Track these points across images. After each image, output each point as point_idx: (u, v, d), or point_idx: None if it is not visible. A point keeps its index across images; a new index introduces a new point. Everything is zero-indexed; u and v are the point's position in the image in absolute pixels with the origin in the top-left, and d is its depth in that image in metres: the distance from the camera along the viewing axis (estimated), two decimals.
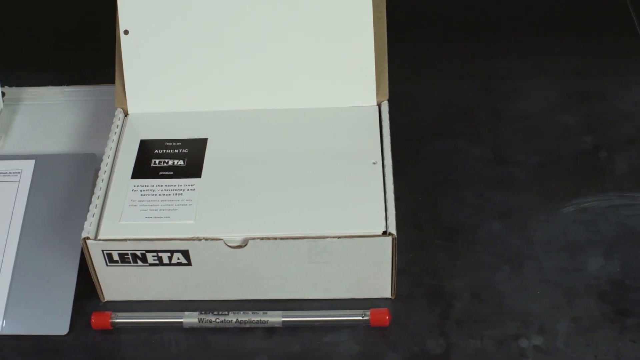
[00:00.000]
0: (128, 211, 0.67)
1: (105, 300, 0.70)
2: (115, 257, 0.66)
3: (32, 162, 0.76)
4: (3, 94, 0.84)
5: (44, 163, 0.76)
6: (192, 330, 0.68)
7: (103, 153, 0.76)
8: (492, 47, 0.91)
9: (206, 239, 0.65)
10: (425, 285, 0.70)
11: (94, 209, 0.68)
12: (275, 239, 0.65)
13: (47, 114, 0.82)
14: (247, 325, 0.67)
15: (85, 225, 0.66)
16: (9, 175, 0.76)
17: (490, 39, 0.93)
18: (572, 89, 0.86)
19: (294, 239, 0.64)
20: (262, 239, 0.64)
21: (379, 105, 0.74)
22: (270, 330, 0.67)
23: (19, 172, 0.76)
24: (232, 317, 0.67)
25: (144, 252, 0.66)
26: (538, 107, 0.84)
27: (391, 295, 0.69)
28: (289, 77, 0.74)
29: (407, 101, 0.78)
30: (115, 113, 0.75)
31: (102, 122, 0.80)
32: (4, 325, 0.68)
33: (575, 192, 0.76)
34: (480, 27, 0.94)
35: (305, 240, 0.64)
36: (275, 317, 0.67)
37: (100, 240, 0.66)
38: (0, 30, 0.99)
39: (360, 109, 0.74)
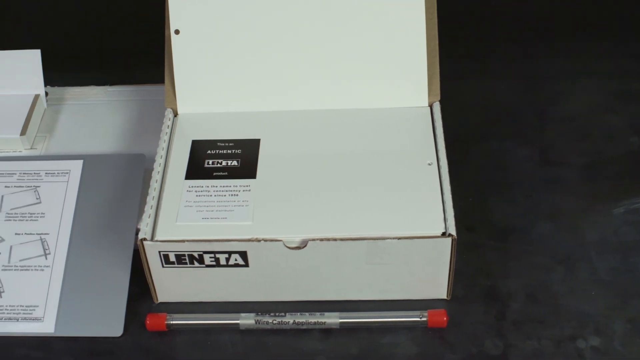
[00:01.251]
0: (184, 212, 0.67)
1: (159, 301, 0.70)
2: (172, 258, 0.66)
3: (80, 162, 0.75)
4: (46, 93, 0.83)
5: (92, 163, 0.75)
6: (248, 331, 0.67)
7: (152, 153, 0.75)
8: (536, 49, 0.91)
9: (265, 240, 0.65)
10: (479, 286, 0.70)
11: (149, 210, 0.67)
12: (335, 240, 0.64)
13: (91, 114, 0.81)
14: (304, 327, 0.67)
15: (141, 227, 0.66)
16: (57, 176, 0.75)
17: (533, 40, 0.93)
18: (617, 89, 0.86)
19: (354, 240, 0.64)
20: (321, 240, 0.64)
21: (431, 106, 0.74)
22: (327, 332, 0.67)
23: (67, 173, 0.76)
24: (289, 319, 0.67)
25: (201, 253, 0.66)
26: (583, 108, 0.85)
27: (447, 296, 0.69)
28: (340, 78, 0.74)
29: (452, 102, 0.78)
30: (165, 113, 0.75)
31: (147, 122, 0.80)
32: (56, 326, 0.68)
33: (624, 193, 0.76)
34: (524, 28, 0.94)
35: (364, 241, 0.64)
36: (332, 319, 0.66)
37: (157, 241, 0.65)
38: (41, 30, 0.98)
39: (412, 109, 0.74)
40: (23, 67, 0.80)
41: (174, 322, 0.67)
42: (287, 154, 0.71)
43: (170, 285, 0.68)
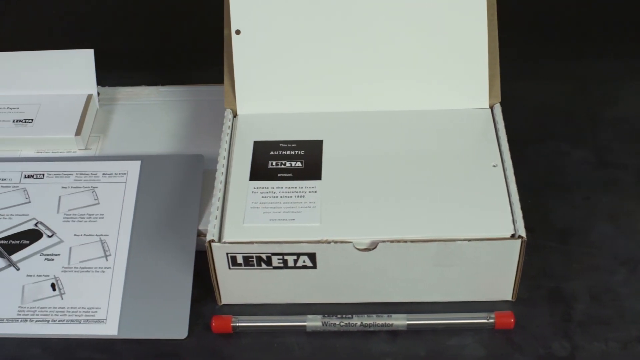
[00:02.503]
0: (250, 213, 0.66)
1: (222, 303, 0.70)
2: (239, 260, 0.66)
3: (138, 163, 0.75)
4: (98, 94, 0.82)
5: (150, 164, 0.75)
6: (314, 333, 0.67)
7: (209, 154, 0.75)
8: (586, 50, 0.91)
9: (335, 242, 0.64)
10: (543, 288, 0.70)
11: (215, 212, 0.67)
12: (405, 241, 0.64)
13: (144, 114, 0.80)
14: (372, 329, 0.67)
15: (209, 228, 0.66)
16: (114, 176, 0.75)
17: (584, 41, 0.93)
18: None
19: (424, 241, 0.64)
20: (392, 241, 0.64)
21: (492, 108, 0.74)
22: (394, 334, 0.67)
23: (124, 173, 0.75)
24: (357, 321, 0.66)
25: (269, 255, 0.65)
26: (636, 109, 0.84)
27: (512, 297, 0.68)
28: (401, 79, 0.74)
29: (505, 104, 0.78)
30: (225, 114, 0.74)
31: (202, 122, 0.80)
32: (119, 329, 0.67)
33: None
34: (574, 29, 0.94)
35: (434, 243, 0.64)
36: (400, 320, 0.66)
37: (225, 243, 0.65)
38: (89, 30, 0.98)
39: (473, 111, 0.74)
40: (76, 66, 0.79)
41: (239, 324, 0.66)
42: (350, 155, 0.71)
43: (235, 287, 0.67)
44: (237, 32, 0.73)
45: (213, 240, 0.65)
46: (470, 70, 0.73)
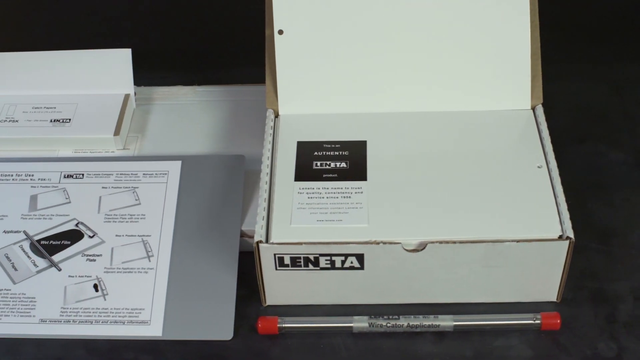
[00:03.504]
0: (297, 214, 0.66)
1: (267, 304, 0.70)
2: (287, 260, 0.65)
3: (179, 163, 0.75)
4: (134, 93, 0.82)
5: (191, 164, 0.75)
6: (361, 334, 0.67)
7: (249, 154, 0.75)
8: (624, 52, 0.91)
9: (384, 243, 0.64)
10: (587, 289, 0.70)
11: (262, 212, 0.67)
12: (454, 242, 0.64)
13: (182, 114, 0.80)
14: (418, 330, 0.67)
15: (256, 229, 0.65)
16: (155, 177, 0.74)
17: (622, 43, 0.92)
18: None
19: (472, 242, 0.64)
20: (440, 242, 0.64)
21: (534, 109, 0.74)
22: (440, 335, 0.67)
23: (165, 174, 0.75)
24: (403, 322, 0.66)
25: (317, 255, 0.65)
26: None
27: (557, 298, 0.69)
28: (444, 80, 0.74)
29: (543, 105, 0.78)
30: (267, 114, 0.74)
31: (240, 122, 0.80)
32: (164, 330, 0.67)
33: None
34: (612, 31, 0.94)
35: (483, 244, 0.64)
36: (447, 321, 0.66)
37: (273, 243, 0.65)
38: (123, 30, 0.98)
39: (515, 112, 0.73)
40: (113, 66, 0.79)
41: (286, 325, 0.66)
42: (394, 155, 0.71)
43: (280, 288, 0.67)
44: (280, 32, 0.73)
45: (261, 241, 0.65)
46: (512, 71, 0.73)
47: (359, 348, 0.66)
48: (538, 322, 0.66)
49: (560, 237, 0.64)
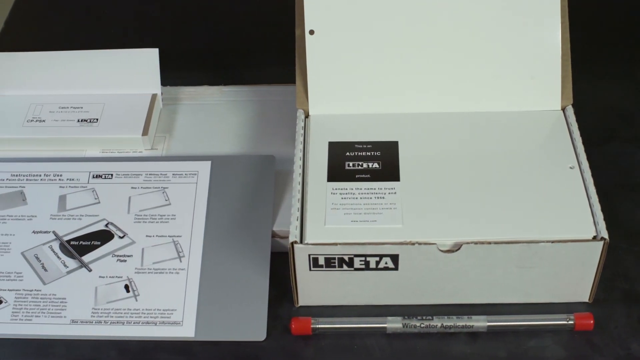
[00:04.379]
0: (331, 215, 0.66)
1: (299, 305, 0.69)
2: (321, 261, 0.65)
3: (208, 163, 0.75)
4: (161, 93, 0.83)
5: (220, 164, 0.75)
6: (394, 335, 0.67)
7: (279, 154, 0.75)
8: None
9: (419, 244, 0.64)
10: (618, 289, 0.70)
11: (296, 213, 0.67)
12: (489, 243, 0.64)
13: (209, 114, 0.80)
14: (452, 330, 0.67)
15: (290, 229, 0.65)
16: (185, 177, 0.74)
17: None
18: None
19: (507, 243, 0.64)
20: (475, 243, 0.64)
21: (564, 110, 0.74)
22: (473, 335, 0.67)
23: (195, 174, 0.74)
24: (437, 322, 0.66)
25: (351, 256, 0.65)
26: None
27: (589, 299, 0.69)
28: (474, 80, 0.74)
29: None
30: (297, 114, 0.74)
31: (268, 122, 0.79)
32: (196, 331, 0.67)
33: None
34: (637, 30, 0.94)
35: (517, 244, 0.64)
36: (480, 322, 0.66)
37: (308, 244, 0.65)
38: (148, 30, 0.97)
39: (545, 113, 0.73)
40: (140, 66, 0.78)
41: (320, 325, 0.66)
42: (426, 156, 0.70)
43: (314, 288, 0.67)
44: (311, 32, 0.73)
45: (296, 242, 0.65)
46: (543, 72, 0.73)
47: (392, 349, 0.66)
48: (571, 322, 0.66)
49: (595, 238, 0.64)
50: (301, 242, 0.65)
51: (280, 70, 0.86)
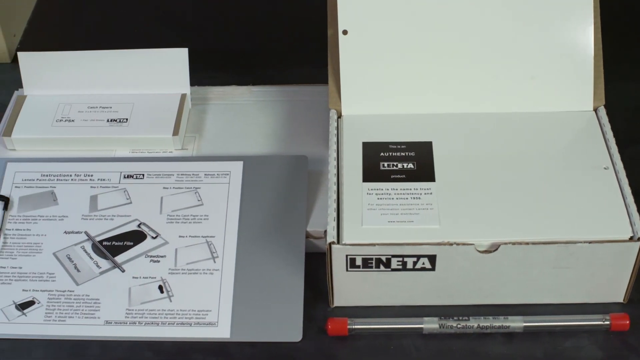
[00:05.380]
0: (368, 215, 0.66)
1: (334, 305, 0.69)
2: (358, 262, 0.65)
3: (241, 163, 0.74)
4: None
5: (253, 164, 0.74)
6: (430, 335, 0.67)
7: (310, 154, 0.75)
8: None
9: (457, 244, 0.64)
10: None
11: (333, 213, 0.66)
12: (527, 244, 0.64)
13: (238, 114, 0.79)
14: (488, 331, 0.67)
15: (328, 230, 0.65)
16: (217, 177, 0.74)
17: None
18: None
19: (545, 244, 0.64)
20: (513, 244, 0.64)
21: (596, 110, 0.74)
22: (509, 336, 0.67)
23: (227, 174, 0.74)
24: (474, 323, 0.66)
25: (389, 256, 0.65)
26: None
27: (623, 299, 0.69)
28: (506, 81, 0.73)
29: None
30: (330, 114, 0.74)
31: (298, 122, 0.79)
32: (232, 331, 0.67)
33: None
34: None
35: (555, 245, 0.64)
36: (517, 322, 0.66)
37: (346, 245, 0.65)
38: (175, 30, 0.97)
39: (577, 113, 0.73)
40: (170, 65, 0.78)
41: (356, 326, 0.66)
42: (460, 156, 0.70)
43: (349, 289, 0.67)
44: (344, 32, 0.72)
45: (333, 242, 0.64)
46: (575, 72, 0.73)
47: (429, 349, 0.66)
48: (607, 323, 0.66)
49: (631, 239, 0.64)
50: (338, 242, 0.66)
51: (308, 70, 0.86)
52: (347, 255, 0.65)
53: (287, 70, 0.87)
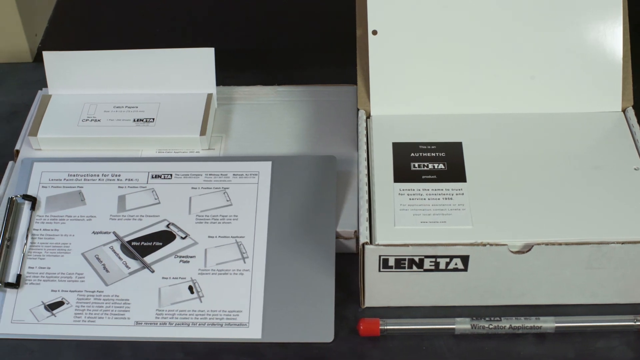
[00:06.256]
0: (400, 215, 0.66)
1: (365, 306, 0.69)
2: (391, 262, 0.65)
3: (269, 163, 0.74)
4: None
5: (281, 164, 0.74)
6: (462, 336, 0.67)
7: (337, 154, 0.75)
8: None
9: (490, 245, 0.64)
10: None
11: (365, 214, 0.66)
12: (560, 244, 0.64)
13: (264, 114, 0.79)
14: (520, 331, 0.67)
15: (361, 231, 0.65)
16: (245, 177, 0.74)
17: None
18: None
19: (578, 244, 0.64)
20: (547, 244, 0.64)
21: (624, 111, 0.74)
22: (541, 336, 0.67)
23: (256, 174, 0.74)
24: (505, 323, 0.66)
25: (422, 257, 0.65)
26: None
27: None
28: (536, 81, 0.73)
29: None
30: (359, 115, 0.74)
31: (325, 123, 0.79)
32: (263, 332, 0.66)
33: None
34: None
35: (588, 245, 0.64)
36: (548, 323, 0.66)
37: (379, 245, 0.65)
38: (191, 29, 0.97)
39: (605, 114, 0.74)
40: (196, 65, 0.78)
41: (388, 327, 0.66)
42: (490, 157, 0.70)
43: (381, 289, 0.67)
44: (374, 32, 0.73)
45: (367, 243, 0.64)
46: (604, 73, 0.73)
47: (460, 349, 0.66)
48: (638, 323, 0.66)
49: None
50: (371, 243, 0.66)
51: (331, 70, 0.86)
52: (380, 256, 0.65)
53: (309, 70, 0.87)
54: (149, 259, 0.70)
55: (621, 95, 0.74)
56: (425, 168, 0.70)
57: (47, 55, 0.80)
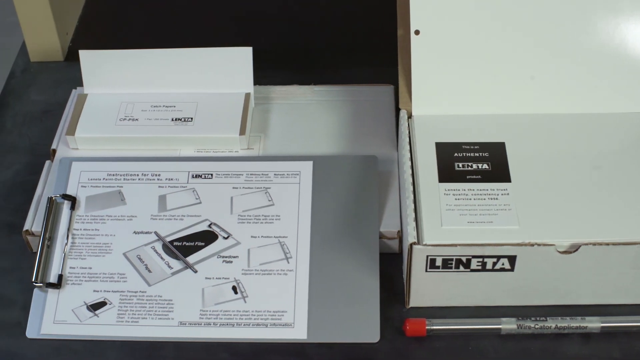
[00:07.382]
0: (447, 216, 0.66)
1: (410, 306, 0.69)
2: (438, 262, 0.65)
3: (310, 163, 0.74)
4: None
5: (322, 164, 0.74)
6: (508, 336, 0.67)
7: (378, 154, 0.75)
8: None
9: (538, 245, 0.64)
10: None
11: (412, 214, 0.66)
12: (607, 244, 0.64)
13: (302, 114, 0.79)
14: (565, 331, 0.67)
15: (408, 231, 0.65)
16: (287, 177, 0.73)
17: None
18: None
19: (625, 244, 0.64)
20: (594, 244, 0.64)
21: None
22: (586, 336, 0.67)
23: (297, 174, 0.74)
24: (551, 323, 0.66)
25: (469, 257, 0.65)
26: None
27: None
28: (576, 82, 0.73)
29: None
30: (401, 114, 0.74)
31: (364, 122, 0.78)
32: (309, 333, 0.66)
33: None
34: None
35: (635, 246, 0.64)
36: (594, 323, 0.66)
37: (427, 245, 0.65)
38: (239, 29, 0.96)
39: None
40: (234, 64, 0.77)
41: (434, 327, 0.66)
42: (534, 157, 0.70)
43: (427, 289, 0.67)
44: (416, 32, 0.72)
45: (415, 243, 0.64)
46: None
47: (507, 350, 0.66)
48: None
49: None
50: (419, 243, 0.65)
51: (365, 70, 0.86)
52: (427, 256, 0.65)
53: (342, 70, 0.86)
54: (191, 259, 0.69)
55: None
56: (470, 168, 0.70)
57: (83, 53, 0.79)
